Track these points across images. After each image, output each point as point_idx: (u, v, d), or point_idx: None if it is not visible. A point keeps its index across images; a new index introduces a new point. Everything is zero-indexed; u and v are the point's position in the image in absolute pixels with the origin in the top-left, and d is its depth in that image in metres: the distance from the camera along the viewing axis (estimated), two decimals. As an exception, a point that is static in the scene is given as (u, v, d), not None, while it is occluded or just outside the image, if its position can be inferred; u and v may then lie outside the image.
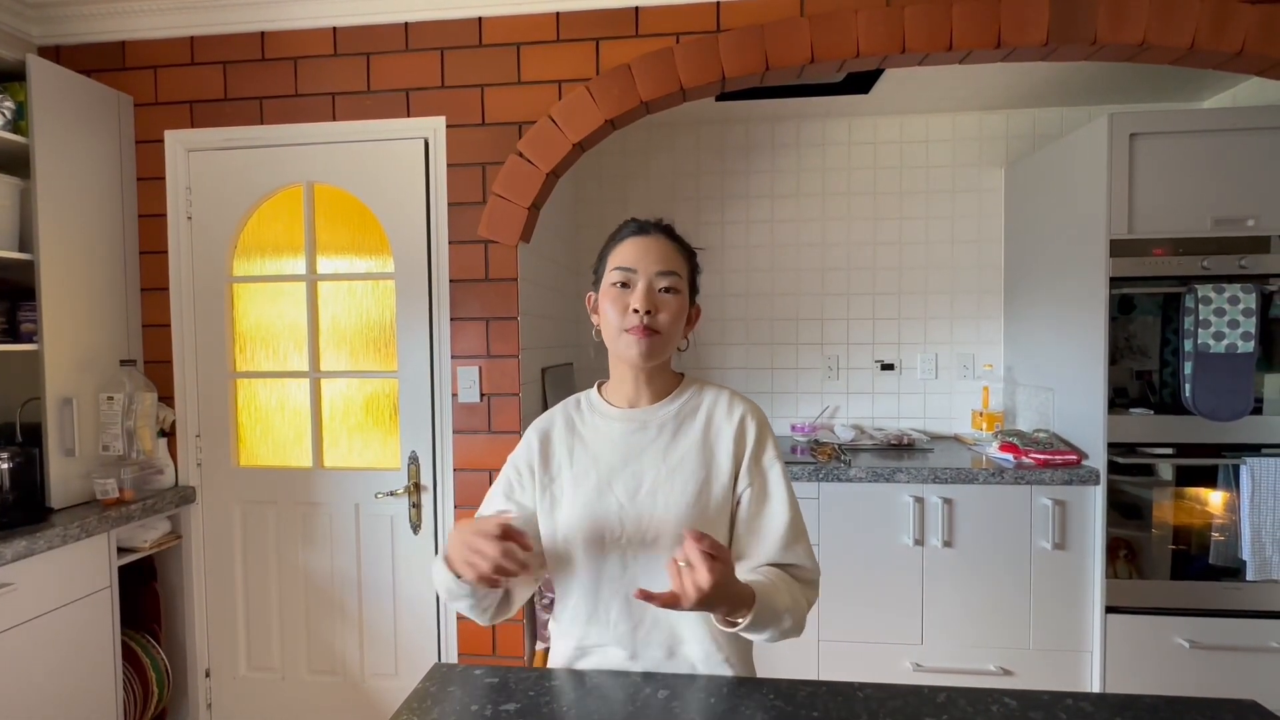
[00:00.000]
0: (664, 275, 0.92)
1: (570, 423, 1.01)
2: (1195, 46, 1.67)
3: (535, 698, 0.88)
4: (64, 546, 1.63)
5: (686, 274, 0.96)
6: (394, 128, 1.94)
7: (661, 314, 0.91)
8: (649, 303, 0.91)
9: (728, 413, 0.96)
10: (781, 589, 0.86)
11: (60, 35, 2.02)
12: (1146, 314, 2.04)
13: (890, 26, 1.74)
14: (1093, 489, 2.01)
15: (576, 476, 0.96)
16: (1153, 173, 1.94)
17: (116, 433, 1.85)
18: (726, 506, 0.94)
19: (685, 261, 0.96)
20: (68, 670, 1.66)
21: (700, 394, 0.99)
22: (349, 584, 2.02)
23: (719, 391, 1.00)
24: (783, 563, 0.92)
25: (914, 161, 2.68)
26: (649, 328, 0.90)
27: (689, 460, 0.94)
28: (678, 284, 0.93)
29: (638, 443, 0.96)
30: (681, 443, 0.95)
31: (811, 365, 2.74)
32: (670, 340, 0.94)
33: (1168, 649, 1.98)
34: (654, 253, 0.93)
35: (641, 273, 0.92)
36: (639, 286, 0.91)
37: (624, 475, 0.94)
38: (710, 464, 0.94)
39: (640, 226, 0.96)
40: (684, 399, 0.99)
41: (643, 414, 0.97)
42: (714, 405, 0.98)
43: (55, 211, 1.78)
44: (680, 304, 0.93)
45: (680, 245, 0.97)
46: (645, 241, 0.94)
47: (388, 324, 2.00)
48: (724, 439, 0.95)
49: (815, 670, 2.12)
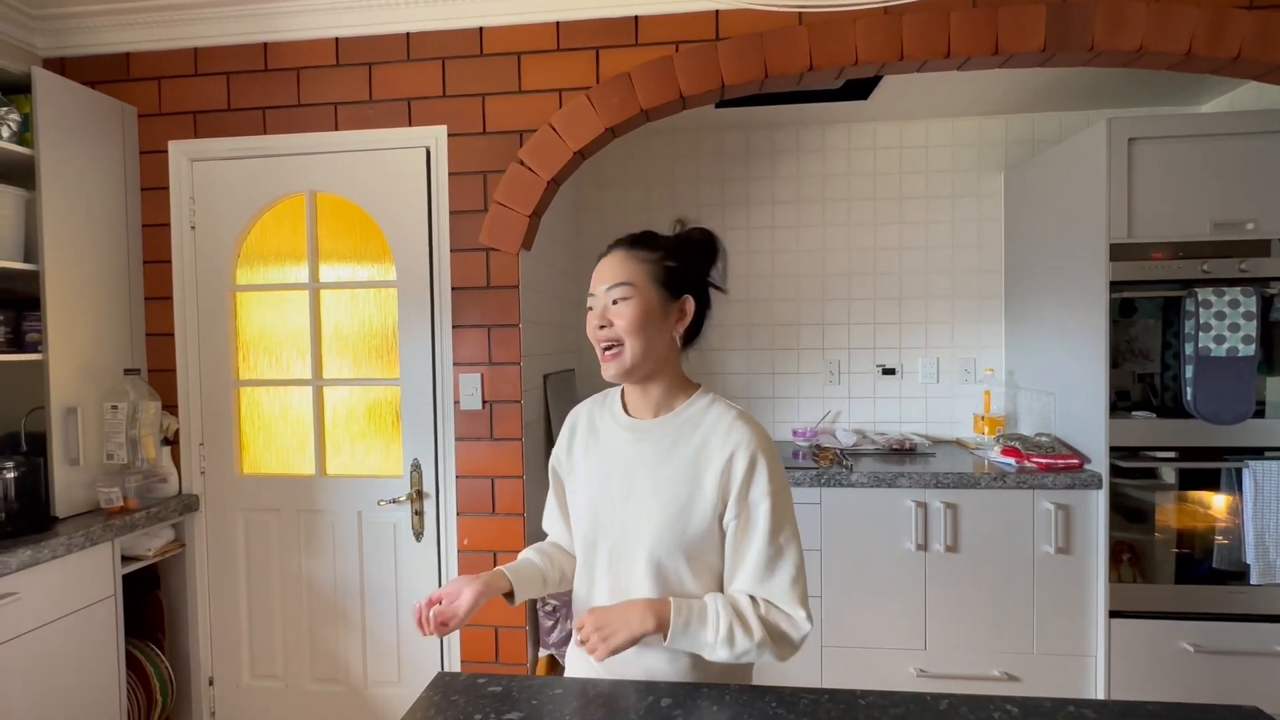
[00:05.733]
0: (612, 289, 0.93)
1: (592, 420, 1.05)
2: (1192, 52, 1.68)
3: (539, 706, 0.88)
4: (68, 555, 1.63)
5: (650, 275, 0.94)
6: (396, 137, 1.96)
7: (616, 324, 0.93)
8: (602, 319, 0.94)
9: (722, 440, 0.93)
10: (722, 623, 0.88)
11: (65, 47, 2.04)
12: (1147, 317, 2.04)
13: (888, 34, 1.75)
14: (1095, 493, 2.01)
15: (588, 472, 1.01)
16: (1152, 177, 1.95)
17: (120, 441, 1.86)
18: (711, 531, 0.93)
19: (648, 263, 0.94)
20: (72, 679, 1.66)
21: (705, 412, 0.97)
22: (352, 592, 2.03)
23: (724, 412, 0.96)
24: (758, 597, 0.91)
25: (914, 167, 2.68)
26: (608, 343, 0.93)
27: (676, 479, 0.94)
28: (628, 291, 0.92)
29: (636, 453, 0.98)
30: (674, 460, 0.95)
31: (813, 370, 2.75)
32: (638, 349, 0.92)
33: (1172, 653, 1.97)
34: (605, 271, 0.95)
35: (598, 294, 0.95)
36: (598, 307, 0.95)
37: (621, 480, 0.97)
38: (695, 487, 0.93)
39: (606, 250, 0.98)
40: (686, 415, 0.97)
41: (645, 425, 0.99)
42: (713, 428, 0.95)
43: (60, 222, 1.79)
44: (635, 308, 0.92)
45: (645, 247, 0.96)
46: (602, 264, 0.96)
47: (390, 331, 2.01)
48: (712, 467, 0.92)
49: (819, 676, 2.11)
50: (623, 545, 0.96)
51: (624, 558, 0.96)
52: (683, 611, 0.88)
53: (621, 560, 0.96)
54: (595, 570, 0.99)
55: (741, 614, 0.89)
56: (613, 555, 0.97)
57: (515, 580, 1.01)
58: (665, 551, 0.93)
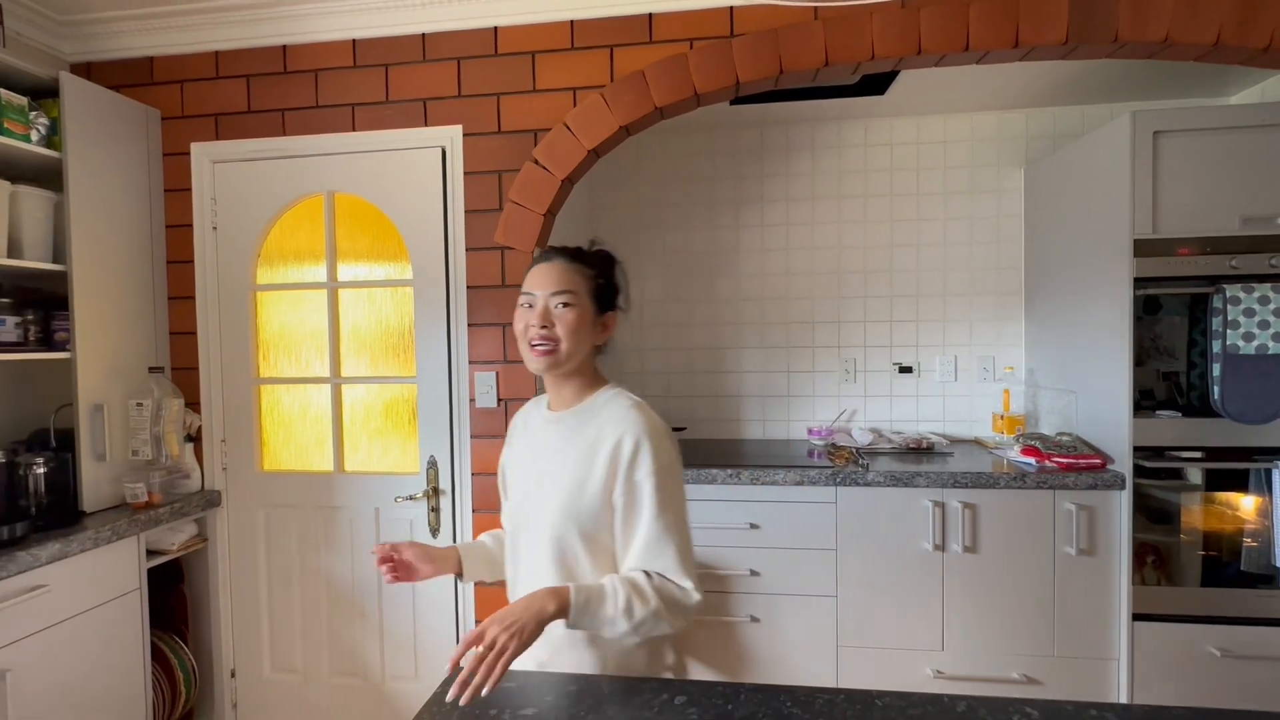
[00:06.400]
0: (558, 295, 1.04)
1: (526, 418, 1.19)
2: (1221, 42, 1.64)
3: (553, 703, 0.88)
4: (96, 549, 1.67)
5: (587, 289, 1.07)
6: (412, 137, 1.97)
7: (557, 326, 1.04)
8: (545, 319, 1.04)
9: (616, 426, 1.03)
10: (620, 596, 0.95)
11: (91, 52, 2.08)
12: (1173, 314, 1.99)
13: (905, 28, 1.73)
14: (1118, 493, 1.97)
15: (517, 464, 1.15)
16: (1178, 171, 1.90)
17: (145, 438, 1.90)
18: (603, 510, 1.02)
19: (586, 278, 1.07)
20: (99, 670, 1.70)
21: (608, 403, 1.07)
22: (369, 587, 2.05)
23: (622, 402, 1.07)
24: (650, 569, 0.99)
25: (931, 162, 2.65)
26: (547, 339, 1.04)
27: (576, 460, 1.05)
28: (572, 299, 1.04)
29: (550, 442, 1.10)
30: (576, 444, 1.06)
31: (828, 368, 2.72)
32: (571, 349, 1.04)
33: (1198, 658, 1.93)
34: (550, 276, 1.06)
35: (540, 295, 1.05)
36: (538, 307, 1.05)
37: (537, 467, 1.10)
38: (590, 468, 1.03)
39: (544, 255, 1.09)
40: (591, 405, 1.08)
41: (558, 416, 1.11)
42: (610, 415, 1.05)
43: (87, 223, 1.83)
44: (577, 315, 1.04)
45: (584, 264, 1.08)
46: (545, 267, 1.07)
47: (406, 330, 2.03)
48: (605, 448, 1.02)
49: (834, 676, 2.10)
50: (533, 526, 1.07)
51: (533, 538, 1.07)
52: (582, 591, 0.94)
53: (532, 541, 1.07)
54: (517, 553, 1.10)
55: (637, 586, 0.96)
56: (527, 537, 1.08)
57: (466, 559, 1.16)
58: (564, 528, 1.03)
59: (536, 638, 0.89)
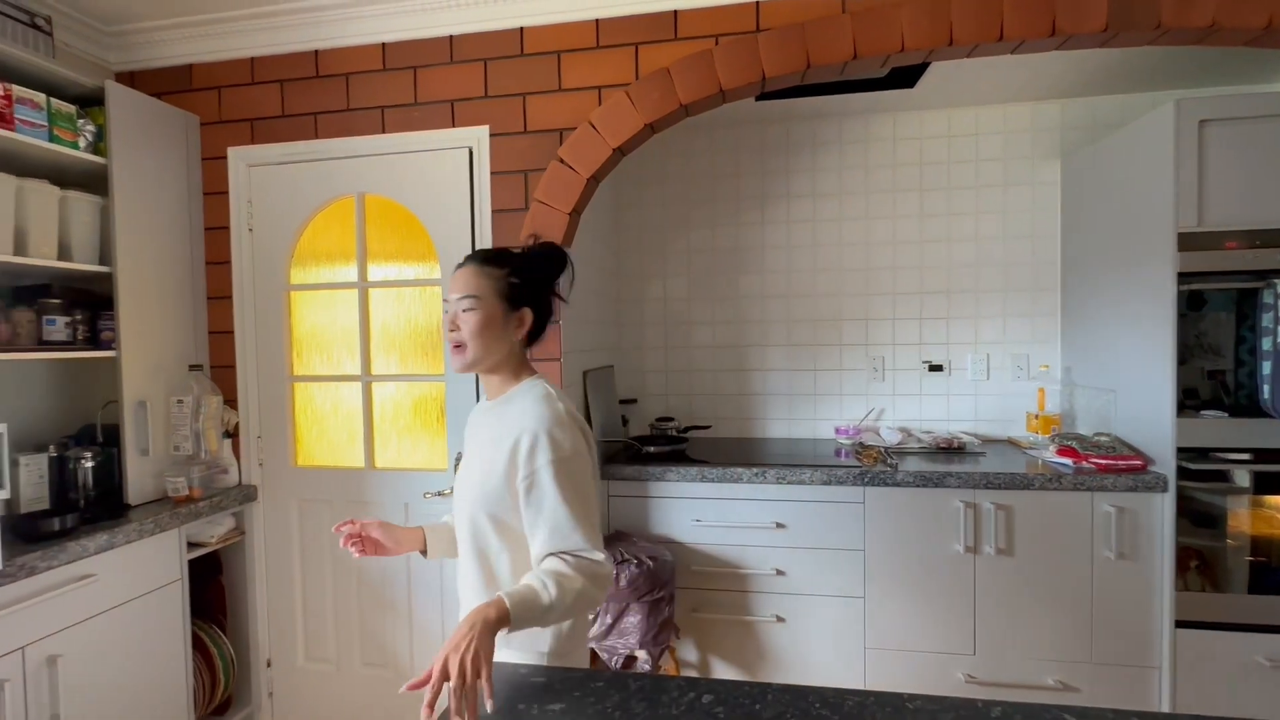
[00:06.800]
0: (462, 300, 1.11)
1: (476, 409, 1.25)
2: (1272, 25, 1.57)
3: (580, 699, 0.89)
4: (140, 541, 1.74)
5: (494, 289, 1.11)
6: (439, 138, 2.00)
7: (461, 329, 1.11)
8: (453, 323, 1.12)
9: (524, 415, 1.09)
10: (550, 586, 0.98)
11: (134, 61, 2.16)
12: (1219, 310, 1.92)
13: (936, 18, 1.69)
14: (1160, 496, 1.90)
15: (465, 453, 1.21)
16: (1225, 161, 1.83)
17: (186, 434, 1.96)
18: (506, 492, 1.08)
19: (493, 279, 1.12)
20: (143, 657, 1.76)
21: (524, 395, 1.13)
22: (399, 581, 2.09)
23: (535, 394, 1.12)
24: (562, 550, 1.04)
25: (963, 156, 2.59)
26: (455, 343, 1.12)
27: (487, 448, 1.12)
28: (473, 304, 1.10)
29: (481, 433, 1.17)
30: (494, 432, 1.12)
31: (856, 367, 2.69)
32: (478, 351, 1.10)
33: (1245, 667, 1.86)
34: (457, 282, 1.13)
35: (451, 300, 1.13)
36: (450, 312, 1.13)
37: (467, 455, 1.18)
38: (494, 457, 1.10)
39: (462, 261, 1.15)
40: (509, 396, 1.15)
41: (489, 406, 1.18)
42: (523, 406, 1.11)
43: (131, 227, 1.90)
44: (480, 318, 1.10)
45: (494, 265, 1.13)
46: (456, 274, 1.14)
47: (434, 328, 2.06)
48: (507, 439, 1.08)
49: (861, 678, 2.07)
50: (457, 509, 1.16)
51: (458, 520, 1.16)
52: (514, 594, 0.95)
53: (458, 523, 1.16)
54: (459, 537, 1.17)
55: (559, 573, 1.00)
56: (457, 519, 1.16)
57: (430, 539, 1.26)
58: (477, 509, 1.11)
59: (494, 645, 0.90)
